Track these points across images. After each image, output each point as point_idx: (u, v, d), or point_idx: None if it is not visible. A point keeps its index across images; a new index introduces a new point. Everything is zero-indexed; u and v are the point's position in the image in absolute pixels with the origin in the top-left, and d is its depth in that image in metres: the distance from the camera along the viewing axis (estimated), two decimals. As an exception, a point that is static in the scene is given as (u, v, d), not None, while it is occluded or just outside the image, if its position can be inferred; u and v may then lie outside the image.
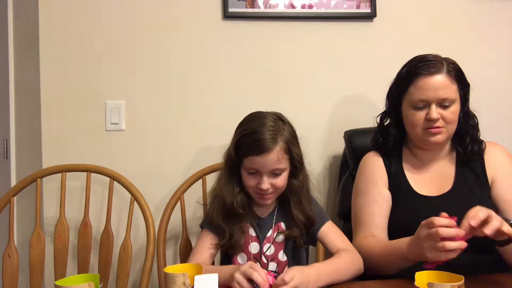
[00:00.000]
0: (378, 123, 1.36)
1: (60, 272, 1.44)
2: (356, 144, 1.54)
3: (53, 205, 1.58)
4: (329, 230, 1.21)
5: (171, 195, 1.49)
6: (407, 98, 1.23)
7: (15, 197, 1.45)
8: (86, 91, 1.61)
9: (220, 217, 1.18)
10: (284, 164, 1.14)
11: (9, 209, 1.43)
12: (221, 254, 1.27)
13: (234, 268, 1.00)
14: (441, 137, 1.21)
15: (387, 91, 1.32)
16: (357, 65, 1.72)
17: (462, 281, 0.85)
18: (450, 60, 1.22)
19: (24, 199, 1.56)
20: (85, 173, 1.49)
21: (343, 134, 1.60)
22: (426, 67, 1.19)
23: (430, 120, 1.18)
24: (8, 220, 1.43)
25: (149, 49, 1.64)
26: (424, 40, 1.73)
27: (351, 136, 1.57)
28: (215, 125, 1.65)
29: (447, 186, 1.25)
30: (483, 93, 1.36)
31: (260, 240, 1.19)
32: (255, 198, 1.18)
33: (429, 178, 1.27)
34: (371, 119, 1.40)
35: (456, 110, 1.21)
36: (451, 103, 1.19)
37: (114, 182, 1.48)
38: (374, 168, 1.31)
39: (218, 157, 1.27)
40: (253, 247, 1.19)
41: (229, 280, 0.99)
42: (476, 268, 1.02)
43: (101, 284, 0.93)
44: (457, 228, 0.94)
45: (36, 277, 1.42)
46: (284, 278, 0.95)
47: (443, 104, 1.19)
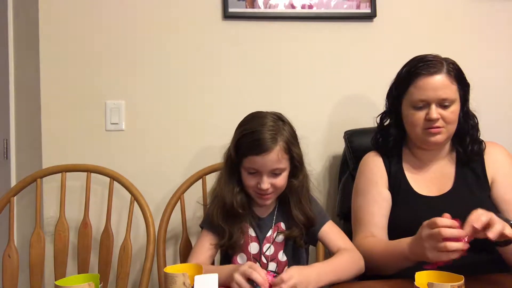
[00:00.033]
0: (378, 123, 1.36)
1: (60, 272, 1.44)
2: (356, 144, 1.54)
3: (53, 205, 1.58)
4: (329, 230, 1.21)
5: (171, 195, 1.49)
6: (407, 98, 1.23)
7: (15, 197, 1.45)
8: (86, 91, 1.61)
9: (220, 217, 1.17)
10: (284, 164, 1.14)
11: (9, 209, 1.43)
12: (221, 254, 1.27)
13: (233, 268, 1.00)
14: (441, 137, 1.21)
15: (387, 91, 1.32)
16: (357, 65, 1.72)
17: (462, 281, 0.85)
18: (450, 60, 1.22)
19: (24, 199, 1.56)
20: (85, 173, 1.49)
21: (343, 134, 1.60)
22: (426, 67, 1.19)
23: (430, 120, 1.19)
24: (8, 220, 1.43)
25: (149, 49, 1.64)
26: (424, 40, 1.73)
27: (351, 136, 1.57)
28: (215, 125, 1.65)
29: (447, 186, 1.25)
30: (483, 93, 1.36)
31: (260, 240, 1.19)
32: (255, 198, 1.18)
33: (429, 178, 1.27)
34: (371, 119, 1.40)
35: (456, 110, 1.21)
36: (451, 103, 1.19)
37: (114, 182, 1.48)
38: (374, 168, 1.31)
39: (218, 157, 1.27)
40: (253, 247, 1.19)
41: (229, 281, 0.99)
42: (476, 268, 1.01)
43: (101, 284, 0.93)
44: (459, 229, 0.94)
45: (36, 277, 1.42)
46: (282, 277, 0.95)
47: (443, 104, 1.19)
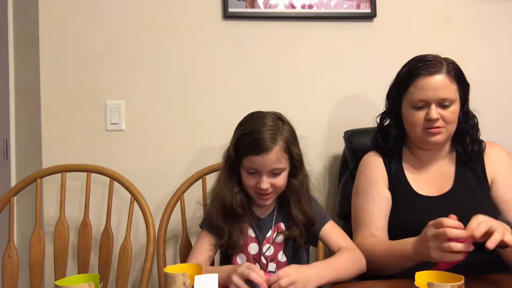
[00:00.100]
0: (378, 123, 1.36)
1: (60, 272, 1.44)
2: (356, 144, 1.54)
3: (53, 205, 1.58)
4: (330, 230, 1.21)
5: (171, 195, 1.49)
6: (407, 98, 1.23)
7: (15, 197, 1.45)
8: (86, 91, 1.61)
9: (219, 217, 1.17)
10: (283, 164, 1.14)
11: (9, 209, 1.43)
12: (221, 254, 1.27)
13: (231, 269, 1.00)
14: (441, 137, 1.21)
15: (387, 91, 1.32)
16: (357, 65, 1.72)
17: (462, 281, 0.85)
18: (450, 60, 1.22)
19: (24, 199, 1.56)
20: (85, 173, 1.49)
21: (343, 134, 1.60)
22: (426, 67, 1.19)
23: (430, 120, 1.19)
24: (8, 220, 1.43)
25: (149, 49, 1.64)
26: (424, 40, 1.73)
27: (351, 136, 1.57)
28: (215, 125, 1.65)
29: (447, 186, 1.25)
30: (483, 93, 1.36)
31: (260, 241, 1.19)
32: (254, 198, 1.18)
33: (429, 178, 1.27)
34: (371, 119, 1.40)
35: (455, 110, 1.21)
36: (450, 103, 1.19)
37: (114, 182, 1.48)
38: (374, 168, 1.30)
39: (218, 157, 1.27)
40: (252, 248, 1.19)
41: (227, 281, 0.98)
42: (476, 268, 1.01)
43: (101, 284, 0.93)
44: (464, 231, 0.93)
45: (36, 277, 1.42)
46: (279, 274, 0.95)
47: (443, 104, 1.19)
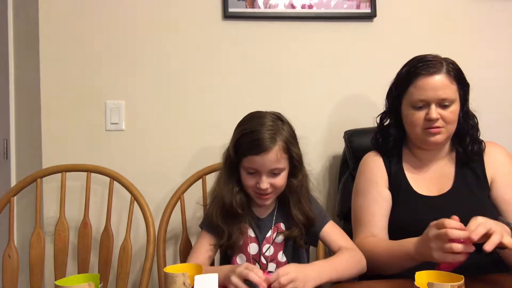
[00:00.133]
0: (378, 123, 1.36)
1: (60, 272, 1.44)
2: (356, 144, 1.54)
3: (53, 205, 1.58)
4: (331, 230, 1.21)
5: (171, 195, 1.49)
6: (407, 98, 1.23)
7: (15, 197, 1.45)
8: (86, 91, 1.61)
9: (219, 217, 1.17)
10: (283, 164, 1.14)
11: (9, 209, 1.43)
12: (221, 254, 1.27)
13: (230, 269, 1.00)
14: (441, 137, 1.21)
15: (387, 91, 1.32)
16: (357, 65, 1.72)
17: (462, 281, 0.85)
18: (450, 60, 1.22)
19: (24, 199, 1.56)
20: (85, 173, 1.49)
21: (343, 134, 1.60)
22: (426, 67, 1.19)
23: (430, 120, 1.19)
24: (8, 220, 1.43)
25: (149, 49, 1.64)
26: (424, 40, 1.73)
27: (351, 136, 1.57)
28: (215, 125, 1.65)
29: (447, 186, 1.25)
30: (483, 93, 1.36)
31: (259, 241, 1.19)
32: (254, 198, 1.18)
33: (429, 178, 1.27)
34: (371, 119, 1.40)
35: (455, 110, 1.21)
36: (450, 103, 1.19)
37: (114, 182, 1.48)
38: (374, 168, 1.30)
39: (218, 157, 1.27)
40: (252, 248, 1.19)
41: (227, 281, 0.98)
42: (476, 268, 1.01)
43: (101, 284, 0.93)
44: (466, 232, 0.93)
45: (36, 277, 1.42)
46: (278, 272, 0.95)
47: (443, 104, 1.19)
